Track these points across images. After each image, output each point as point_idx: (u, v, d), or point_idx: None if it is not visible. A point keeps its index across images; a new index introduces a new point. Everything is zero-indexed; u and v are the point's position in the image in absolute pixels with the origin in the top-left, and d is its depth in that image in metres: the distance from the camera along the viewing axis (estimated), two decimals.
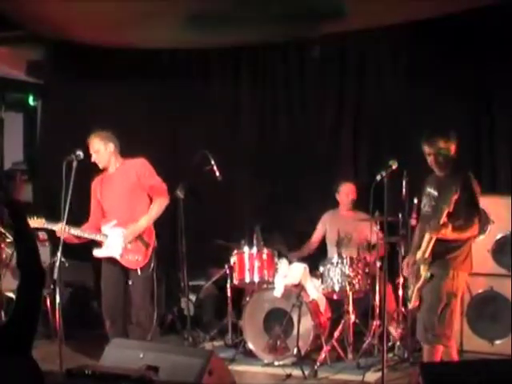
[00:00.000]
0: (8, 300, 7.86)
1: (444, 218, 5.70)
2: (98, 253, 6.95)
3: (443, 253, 5.87)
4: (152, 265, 6.92)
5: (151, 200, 7.00)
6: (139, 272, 6.83)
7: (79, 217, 7.07)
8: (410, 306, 6.12)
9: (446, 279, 5.89)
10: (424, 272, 5.89)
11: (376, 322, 7.36)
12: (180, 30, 8.39)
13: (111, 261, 6.90)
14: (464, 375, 4.39)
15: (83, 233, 6.85)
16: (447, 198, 5.70)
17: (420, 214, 6.36)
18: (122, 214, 6.90)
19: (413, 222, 7.15)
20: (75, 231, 6.77)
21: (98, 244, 6.94)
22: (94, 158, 6.97)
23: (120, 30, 8.41)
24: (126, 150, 7.06)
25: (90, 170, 7.06)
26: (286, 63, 9.27)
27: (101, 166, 7.02)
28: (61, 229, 6.53)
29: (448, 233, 5.78)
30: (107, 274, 7.00)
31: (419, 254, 5.96)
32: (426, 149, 6.07)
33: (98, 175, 7.12)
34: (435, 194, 6.07)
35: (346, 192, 8.24)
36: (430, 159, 6.07)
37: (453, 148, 6.03)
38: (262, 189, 9.23)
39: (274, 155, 9.26)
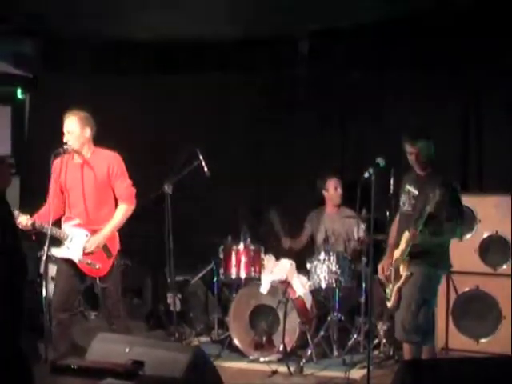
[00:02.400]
0: None
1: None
2: (56, 252, 6.44)
3: (420, 251, 5.90)
4: (115, 273, 6.51)
5: (116, 201, 6.55)
6: (98, 281, 6.44)
7: None
8: (390, 305, 6.15)
9: (423, 277, 5.93)
10: (404, 271, 5.92)
11: (362, 319, 7.39)
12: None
13: (69, 261, 6.44)
14: (450, 373, 4.40)
15: (43, 227, 6.23)
16: (429, 200, 5.72)
17: (399, 212, 6.37)
18: (87, 212, 6.44)
19: None
20: (36, 223, 6.28)
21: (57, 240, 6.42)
22: (66, 139, 6.38)
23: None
24: (115, 144, 6.66)
25: None
26: (273, 60, 9.26)
27: (74, 147, 6.38)
28: (24, 219, 6.22)
29: (427, 239, 5.80)
30: (61, 275, 6.49)
31: (397, 253, 5.99)
32: (408, 147, 6.10)
33: (60, 155, 6.40)
34: (415, 192, 6.09)
35: (333, 186, 8.25)
36: (411, 158, 6.10)
37: (433, 147, 6.08)
38: (249, 185, 9.24)
39: (261, 152, 9.27)
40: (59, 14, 8.07)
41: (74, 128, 6.40)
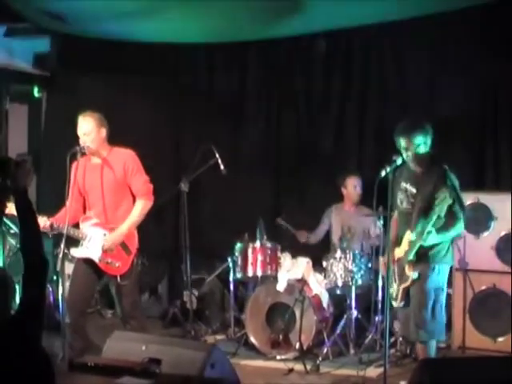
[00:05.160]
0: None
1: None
2: (75, 252, 6.50)
3: (426, 249, 5.84)
4: (134, 272, 6.52)
5: (134, 198, 6.52)
6: (119, 279, 6.38)
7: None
8: (396, 304, 6.10)
9: (432, 275, 5.88)
10: (411, 272, 5.86)
11: (378, 318, 7.37)
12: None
13: (87, 260, 6.44)
14: (467, 372, 4.38)
15: (62, 229, 6.22)
16: (438, 201, 5.63)
17: (397, 210, 6.27)
18: (106, 212, 6.45)
19: None
20: (54, 225, 6.27)
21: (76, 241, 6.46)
22: (82, 141, 6.34)
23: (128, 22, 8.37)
24: (130, 142, 6.66)
25: None
26: (290, 58, 9.25)
27: (91, 149, 6.38)
28: (42, 221, 6.13)
29: (433, 238, 5.75)
30: (78, 273, 6.52)
31: (400, 253, 5.94)
32: (403, 143, 5.85)
33: (78, 157, 6.39)
34: (413, 190, 5.98)
35: (352, 184, 8.22)
36: (408, 155, 5.92)
37: (429, 142, 5.93)
38: (266, 183, 9.23)
39: (279, 149, 9.27)
40: (76, 14, 8.09)
41: (91, 129, 6.37)
